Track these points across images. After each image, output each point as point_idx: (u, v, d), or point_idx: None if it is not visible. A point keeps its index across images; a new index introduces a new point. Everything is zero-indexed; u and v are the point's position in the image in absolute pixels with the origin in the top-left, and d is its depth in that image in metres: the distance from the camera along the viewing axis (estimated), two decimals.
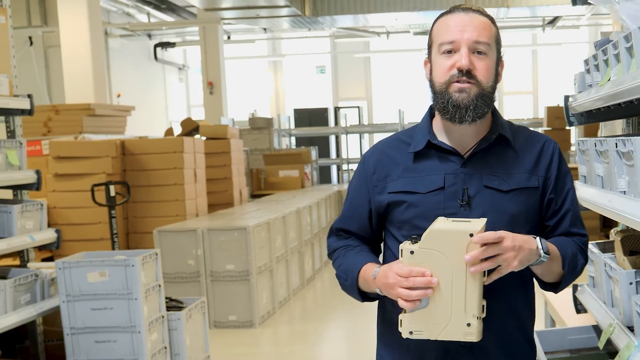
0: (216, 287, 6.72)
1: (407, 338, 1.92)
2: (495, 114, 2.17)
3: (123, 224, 7.63)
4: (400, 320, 1.92)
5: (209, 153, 8.70)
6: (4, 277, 4.13)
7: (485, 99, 2.05)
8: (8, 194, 4.71)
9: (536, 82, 18.86)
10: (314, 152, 13.10)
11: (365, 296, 2.20)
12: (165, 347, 4.35)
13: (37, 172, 4.43)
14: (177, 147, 7.60)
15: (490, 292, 1.96)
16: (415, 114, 16.09)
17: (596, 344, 3.13)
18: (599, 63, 2.74)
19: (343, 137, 15.51)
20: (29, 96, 4.35)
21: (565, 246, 2.11)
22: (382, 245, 2.32)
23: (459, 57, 2.03)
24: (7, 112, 4.37)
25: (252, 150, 12.47)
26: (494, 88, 2.10)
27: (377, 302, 2.25)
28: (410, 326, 1.90)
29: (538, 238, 1.98)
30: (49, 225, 4.63)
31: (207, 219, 7.60)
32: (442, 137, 2.15)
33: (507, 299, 2.11)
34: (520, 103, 18.87)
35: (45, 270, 4.30)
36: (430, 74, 2.14)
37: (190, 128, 9.07)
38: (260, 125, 12.93)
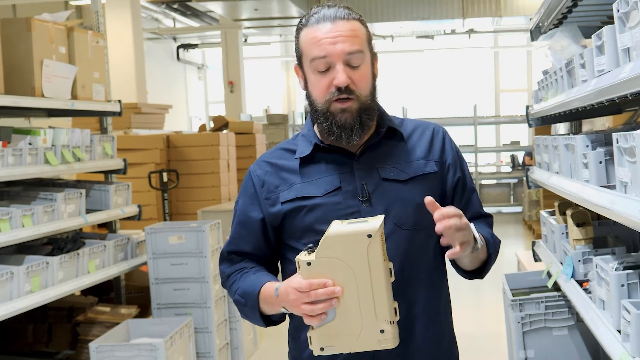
0: None
1: (319, 355, 1.82)
2: (380, 110, 2.10)
3: (168, 206, 8.86)
4: (310, 338, 1.79)
5: (237, 146, 9.92)
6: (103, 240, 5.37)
7: (368, 112, 1.98)
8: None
9: (530, 81, 19.90)
10: None
11: (268, 320, 2.06)
12: (224, 296, 5.57)
13: (124, 160, 5.66)
14: (214, 141, 8.83)
15: (400, 293, 1.90)
16: (417, 111, 17.14)
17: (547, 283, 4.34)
18: (544, 85, 3.99)
19: None
20: (119, 101, 5.59)
21: (482, 229, 2.09)
22: (279, 264, 2.20)
23: (335, 73, 1.93)
24: (102, 114, 5.61)
25: (269, 144, 13.67)
26: (374, 93, 2.02)
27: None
28: (320, 342, 1.78)
29: (472, 224, 1.91)
30: None
31: None
32: (328, 141, 2.06)
33: (419, 298, 2.03)
34: (515, 100, 19.91)
35: (134, 236, 5.53)
36: (306, 87, 2.04)
37: (221, 124, 10.31)
38: (276, 121, 14.12)
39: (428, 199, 1.81)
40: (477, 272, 2.10)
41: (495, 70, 20.24)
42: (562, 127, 8.31)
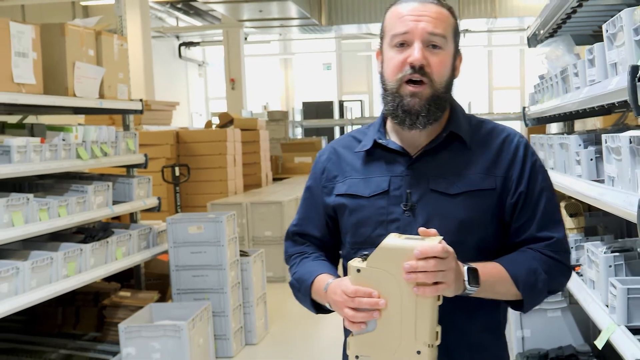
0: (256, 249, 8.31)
1: None
2: (453, 109, 1.96)
3: (179, 199, 9.21)
4: (348, 342, 1.77)
5: (242, 142, 10.28)
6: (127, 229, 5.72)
7: (438, 103, 1.85)
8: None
9: (523, 79, 20.29)
10: (324, 141, 14.71)
11: (319, 308, 2.00)
12: (239, 282, 5.93)
13: (145, 155, 6.01)
14: (221, 137, 9.20)
15: (445, 319, 1.74)
16: None
17: None
18: (540, 89, 4.37)
19: (347, 128, 17.13)
20: (141, 100, 5.94)
21: (518, 265, 1.85)
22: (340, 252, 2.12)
23: (412, 51, 1.82)
24: (125, 112, 5.97)
25: (270, 140, 14.05)
26: (449, 86, 1.89)
27: None
28: (357, 350, 1.75)
29: (466, 268, 1.73)
30: None
31: (245, 195, 9.19)
32: (394, 137, 1.96)
33: (461, 325, 1.89)
34: (508, 98, 20.33)
35: (154, 226, 5.89)
36: (382, 67, 1.93)
37: (226, 120, 10.67)
38: (277, 118, 14.48)
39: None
40: (518, 305, 1.92)
41: (488, 68, 20.65)
42: (554, 126, 8.74)
